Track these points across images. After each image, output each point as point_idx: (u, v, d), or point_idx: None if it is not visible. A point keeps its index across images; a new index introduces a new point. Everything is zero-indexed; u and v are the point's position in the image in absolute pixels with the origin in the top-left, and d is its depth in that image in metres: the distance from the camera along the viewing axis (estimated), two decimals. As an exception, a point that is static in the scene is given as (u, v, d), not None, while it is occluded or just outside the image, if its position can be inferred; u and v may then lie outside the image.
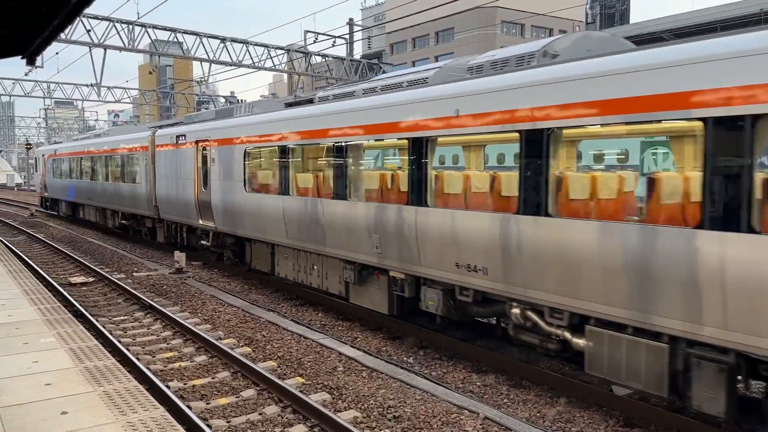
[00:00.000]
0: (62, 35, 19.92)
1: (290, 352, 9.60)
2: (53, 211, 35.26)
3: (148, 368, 8.53)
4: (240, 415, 7.24)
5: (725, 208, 5.61)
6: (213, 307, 12.60)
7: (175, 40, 28.22)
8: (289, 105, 13.66)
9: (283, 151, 12.56)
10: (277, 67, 31.48)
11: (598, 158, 8.63)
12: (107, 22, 24.98)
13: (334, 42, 32.05)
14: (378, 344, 10.21)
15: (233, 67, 29.42)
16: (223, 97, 57.11)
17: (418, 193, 9.08)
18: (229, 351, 9.13)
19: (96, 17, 24.66)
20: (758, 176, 5.47)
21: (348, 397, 7.71)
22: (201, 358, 9.34)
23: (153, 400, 5.41)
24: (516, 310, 8.03)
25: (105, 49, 25.94)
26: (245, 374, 8.54)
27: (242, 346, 10.00)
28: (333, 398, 7.69)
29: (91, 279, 15.64)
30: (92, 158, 26.26)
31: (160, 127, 21.24)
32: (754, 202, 5.46)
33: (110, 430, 4.76)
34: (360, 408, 7.36)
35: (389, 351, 9.88)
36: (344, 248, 10.89)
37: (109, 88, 43.44)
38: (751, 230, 5.42)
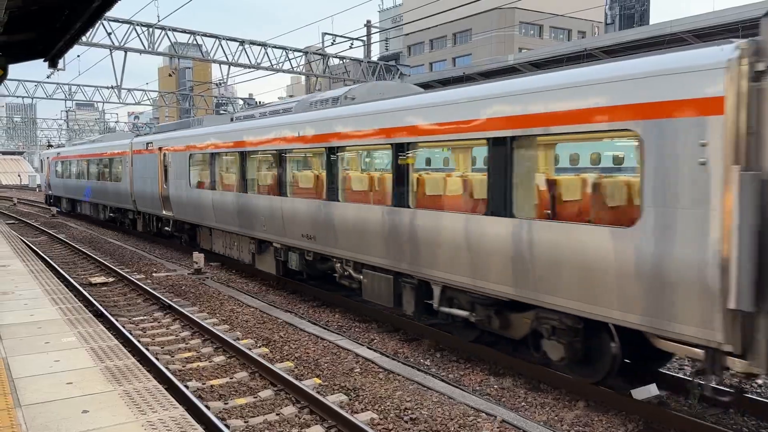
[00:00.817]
0: (83, 38, 20.16)
1: (307, 353, 9.63)
2: (56, 206, 38.72)
3: (167, 368, 8.61)
4: (257, 416, 7.28)
5: (398, 195, 9.83)
6: (231, 308, 12.68)
7: (195, 42, 28.45)
8: (232, 120, 17.54)
9: (212, 156, 16.88)
10: (295, 69, 31.62)
11: (367, 164, 13.14)
12: (128, 25, 25.28)
13: (352, 44, 32.16)
14: (395, 346, 10.21)
15: (252, 70, 29.59)
16: (242, 99, 57.38)
17: (280, 187, 13.47)
18: (247, 351, 9.19)
19: (117, 20, 24.96)
20: (413, 177, 9.70)
21: (365, 398, 7.72)
22: (219, 359, 9.41)
23: (172, 399, 5.46)
24: (338, 264, 11.92)
25: (125, 52, 26.22)
26: (263, 375, 8.59)
27: (260, 347, 10.05)
28: (350, 399, 7.70)
29: (111, 279, 15.82)
30: (87, 161, 30.26)
31: (137, 135, 26.03)
32: (410, 192, 9.65)
33: (130, 429, 4.81)
34: (377, 409, 7.36)
35: (406, 353, 9.88)
36: (248, 228, 15.09)
37: (129, 90, 43.92)
38: (408, 206, 9.65)
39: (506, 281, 7.99)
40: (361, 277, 11.25)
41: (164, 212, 20.75)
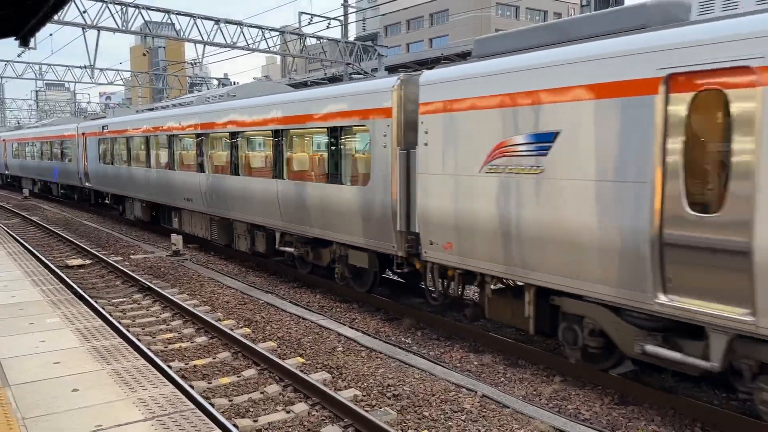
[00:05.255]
0: (56, 17, 19.74)
1: (289, 332, 9.73)
2: None
3: (149, 348, 8.65)
4: (242, 394, 7.38)
5: (233, 166, 14.55)
6: (211, 289, 12.70)
7: (169, 21, 27.96)
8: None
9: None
10: (271, 49, 31.25)
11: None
12: (101, 3, 24.72)
13: (329, 24, 31.89)
14: (376, 325, 10.36)
15: (227, 49, 29.19)
16: (217, 78, 56.59)
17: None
18: (229, 332, 9.26)
19: (89, -2, 24.38)
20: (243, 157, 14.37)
21: (348, 376, 7.86)
22: (201, 339, 9.47)
23: (162, 377, 5.53)
24: (215, 218, 16.87)
25: (98, 31, 25.68)
26: (246, 354, 8.67)
27: (242, 327, 10.13)
28: (333, 377, 7.84)
29: (88, 261, 15.69)
30: None
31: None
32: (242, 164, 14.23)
33: (122, 406, 4.88)
34: (360, 387, 7.51)
35: (387, 332, 10.03)
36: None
37: (101, 70, 43.01)
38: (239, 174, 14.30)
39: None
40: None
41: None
